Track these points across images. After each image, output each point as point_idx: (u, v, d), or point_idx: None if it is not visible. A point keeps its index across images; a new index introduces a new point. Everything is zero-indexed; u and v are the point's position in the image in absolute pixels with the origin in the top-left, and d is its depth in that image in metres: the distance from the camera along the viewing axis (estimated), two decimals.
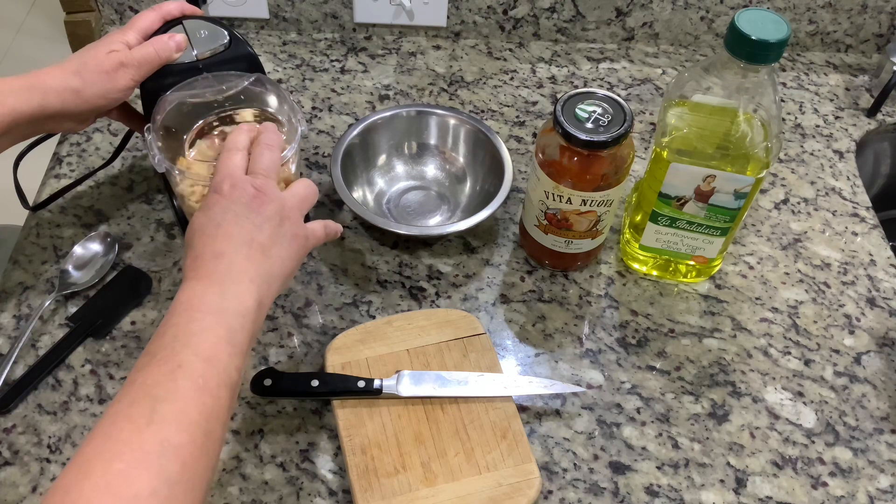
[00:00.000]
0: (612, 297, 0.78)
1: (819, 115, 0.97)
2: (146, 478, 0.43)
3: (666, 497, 0.65)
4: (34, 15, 2.43)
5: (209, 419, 0.47)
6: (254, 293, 0.53)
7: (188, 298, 0.51)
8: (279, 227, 0.56)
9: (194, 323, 0.49)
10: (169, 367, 0.47)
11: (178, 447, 0.45)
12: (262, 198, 0.56)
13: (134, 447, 0.44)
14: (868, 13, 1.01)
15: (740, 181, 0.68)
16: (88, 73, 0.65)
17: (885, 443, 0.69)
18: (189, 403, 0.46)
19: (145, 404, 0.45)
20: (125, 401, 0.46)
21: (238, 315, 0.51)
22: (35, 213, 0.81)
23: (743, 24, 0.61)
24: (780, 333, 0.76)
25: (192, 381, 0.47)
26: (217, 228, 0.54)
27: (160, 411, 0.45)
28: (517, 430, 0.65)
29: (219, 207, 0.55)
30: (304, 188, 0.61)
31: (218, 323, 0.50)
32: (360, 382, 0.66)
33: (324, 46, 1.00)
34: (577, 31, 1.02)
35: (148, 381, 0.47)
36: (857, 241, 0.84)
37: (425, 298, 0.76)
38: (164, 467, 0.44)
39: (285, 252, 0.57)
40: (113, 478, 0.42)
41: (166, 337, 0.49)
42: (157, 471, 0.43)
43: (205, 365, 0.48)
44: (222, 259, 0.53)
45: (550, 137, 0.69)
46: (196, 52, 0.70)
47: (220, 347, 0.49)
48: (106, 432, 0.45)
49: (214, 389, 0.48)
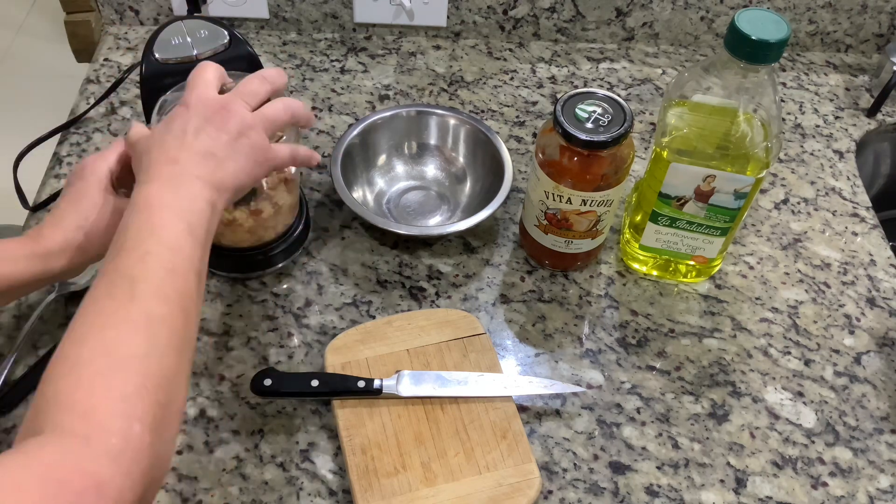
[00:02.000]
0: (612, 297, 0.78)
1: (819, 115, 0.97)
2: (139, 341, 0.45)
3: (666, 497, 0.65)
4: (34, 15, 2.43)
5: (184, 298, 0.49)
6: (206, 196, 0.54)
7: (145, 198, 0.52)
8: (235, 142, 0.57)
9: (154, 218, 0.51)
10: (138, 253, 0.49)
11: (162, 317, 0.47)
12: (224, 114, 0.57)
13: (122, 318, 0.46)
14: (868, 13, 1.01)
15: (740, 181, 0.68)
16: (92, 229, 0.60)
17: (885, 443, 0.69)
18: (164, 282, 0.49)
19: (124, 284, 0.48)
20: (102, 286, 0.48)
21: (193, 212, 0.53)
22: (35, 213, 0.81)
23: (743, 24, 0.61)
24: (780, 333, 0.76)
25: (162, 264, 0.49)
26: (174, 140, 0.56)
27: (139, 289, 0.48)
28: (517, 430, 0.65)
29: (181, 119, 0.57)
30: (281, 108, 0.61)
31: (177, 217, 0.52)
32: (360, 382, 0.66)
33: (324, 46, 1.00)
34: (577, 31, 1.02)
35: (120, 267, 0.49)
36: (857, 241, 0.84)
37: (425, 298, 0.76)
38: (153, 333, 0.46)
39: (239, 166, 0.57)
40: (108, 342, 0.45)
41: (129, 231, 0.51)
42: (147, 336, 0.46)
43: (171, 252, 0.50)
44: (176, 165, 0.54)
45: (550, 137, 0.70)
46: (196, 52, 0.70)
47: (182, 238, 0.51)
48: (92, 310, 0.47)
49: (183, 274, 0.50)
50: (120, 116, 0.90)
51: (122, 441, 0.42)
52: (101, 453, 0.41)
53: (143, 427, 0.43)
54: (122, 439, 0.42)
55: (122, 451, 0.41)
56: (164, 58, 0.72)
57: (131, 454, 0.42)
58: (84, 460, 0.40)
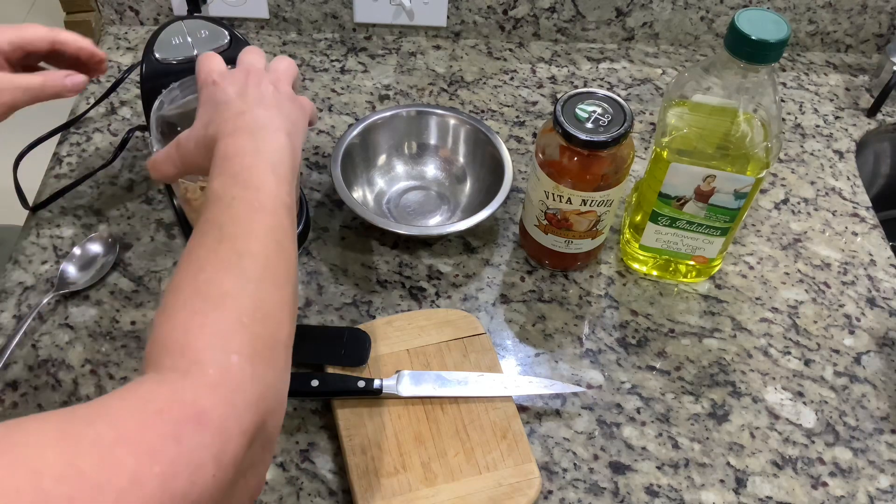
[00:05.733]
0: (612, 297, 0.78)
1: (819, 115, 0.97)
2: (230, 278, 0.46)
3: (666, 497, 0.65)
4: (34, 15, 2.43)
5: (275, 231, 0.50)
6: (283, 132, 0.55)
7: (223, 151, 0.53)
8: (277, 92, 0.59)
9: (234, 165, 0.52)
10: (224, 201, 0.50)
11: (254, 254, 0.48)
12: (253, 75, 0.58)
13: (213, 260, 0.47)
14: (868, 13, 1.01)
15: (740, 181, 0.68)
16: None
17: (885, 443, 0.69)
18: (252, 222, 0.49)
19: (213, 231, 0.49)
20: (195, 238, 0.49)
21: (275, 151, 0.54)
22: (35, 213, 0.81)
23: (743, 24, 0.61)
24: (780, 333, 0.76)
25: (248, 204, 0.50)
26: (228, 103, 0.56)
27: (227, 229, 0.48)
28: (517, 430, 0.65)
29: (219, 88, 0.57)
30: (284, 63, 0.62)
31: (258, 159, 0.52)
32: (360, 382, 0.66)
33: (324, 46, 1.00)
34: (577, 31, 1.02)
35: (209, 217, 0.50)
36: (857, 241, 0.84)
37: (425, 298, 0.76)
38: (244, 269, 0.47)
39: (290, 110, 0.59)
40: (201, 284, 0.46)
41: (214, 184, 0.51)
42: (239, 272, 0.46)
43: (255, 192, 0.50)
44: (244, 116, 0.55)
45: (550, 137, 0.70)
46: (196, 52, 0.70)
47: (266, 177, 0.52)
48: (187, 259, 0.48)
49: (271, 209, 0.50)
50: (120, 116, 0.90)
51: (220, 372, 0.42)
52: (200, 385, 0.41)
53: (241, 358, 0.43)
54: (219, 371, 0.42)
55: (221, 382, 0.41)
56: (164, 58, 0.72)
57: (233, 384, 0.42)
58: (182, 392, 0.40)
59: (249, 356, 0.43)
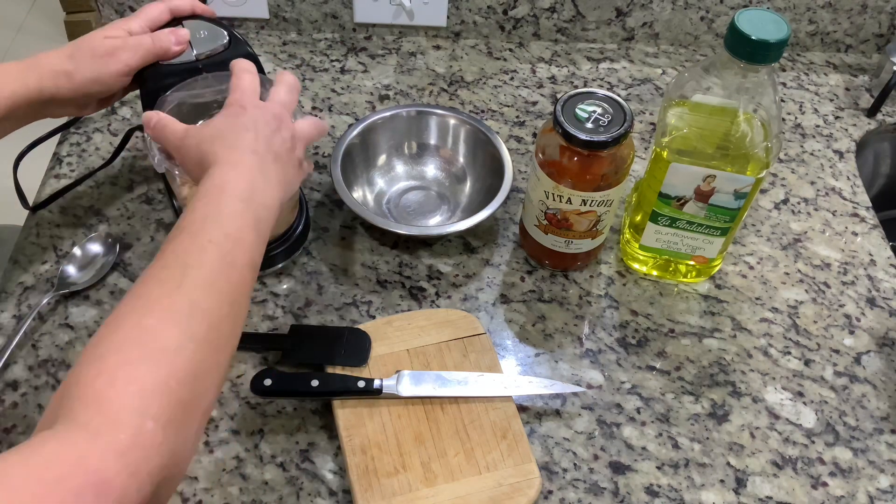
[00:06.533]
0: (612, 297, 0.78)
1: (819, 115, 0.97)
2: (174, 333, 0.45)
3: (666, 497, 0.65)
4: (34, 15, 2.43)
5: (235, 291, 0.49)
6: (278, 194, 0.56)
7: (221, 183, 0.53)
8: (291, 152, 0.59)
9: (224, 206, 0.52)
10: (200, 241, 0.49)
11: (206, 310, 0.47)
12: (281, 122, 0.59)
13: (164, 306, 0.46)
14: (868, 13, 1.01)
15: (740, 181, 0.68)
16: (81, 56, 0.66)
17: (885, 443, 0.69)
18: (217, 274, 0.49)
19: (176, 269, 0.48)
20: (158, 265, 0.48)
21: (264, 207, 0.54)
22: (35, 213, 0.81)
23: (743, 24, 0.61)
24: (780, 333, 0.76)
25: (221, 256, 0.49)
26: (247, 132, 0.57)
27: (190, 276, 0.47)
28: (517, 430, 0.65)
29: (248, 117, 0.58)
30: (313, 126, 0.63)
31: (247, 210, 0.52)
32: (360, 382, 0.66)
33: (324, 46, 1.00)
34: (577, 31, 1.02)
35: (178, 250, 0.49)
36: (857, 241, 0.84)
37: (425, 298, 0.76)
38: (191, 326, 0.46)
39: (293, 176, 0.60)
40: (143, 332, 0.45)
41: (197, 213, 0.51)
42: (185, 328, 0.45)
43: (233, 244, 0.50)
44: (255, 156, 0.55)
45: (550, 137, 0.70)
46: (196, 52, 0.70)
47: (247, 232, 0.52)
48: (138, 293, 0.47)
49: (240, 268, 0.50)
50: (120, 116, 0.90)
51: (132, 438, 0.40)
52: (109, 450, 0.40)
53: (156, 425, 0.42)
54: (131, 436, 0.40)
55: (130, 449, 0.40)
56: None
57: (141, 452, 0.41)
58: (88, 457, 0.39)
59: (164, 423, 0.42)
